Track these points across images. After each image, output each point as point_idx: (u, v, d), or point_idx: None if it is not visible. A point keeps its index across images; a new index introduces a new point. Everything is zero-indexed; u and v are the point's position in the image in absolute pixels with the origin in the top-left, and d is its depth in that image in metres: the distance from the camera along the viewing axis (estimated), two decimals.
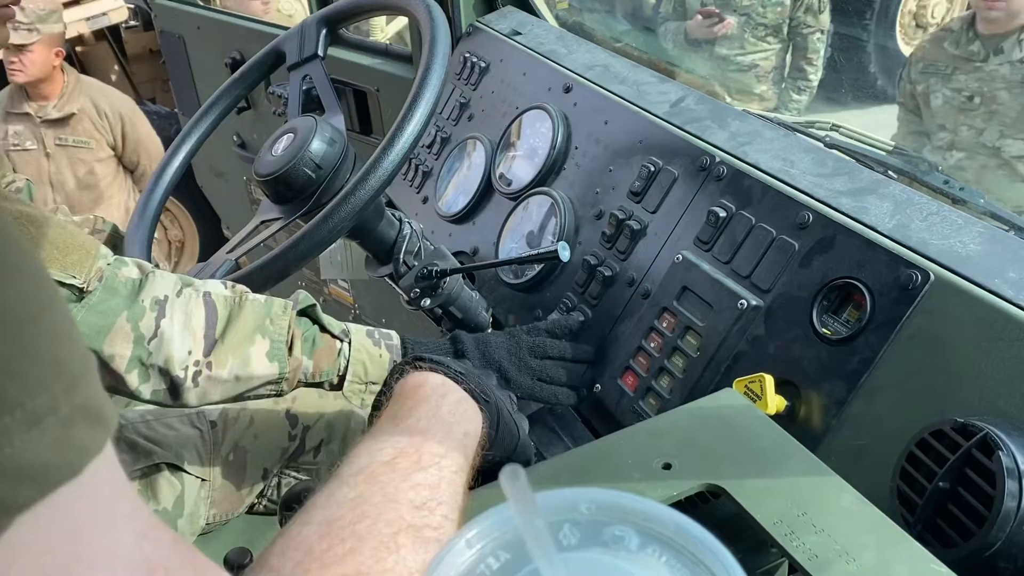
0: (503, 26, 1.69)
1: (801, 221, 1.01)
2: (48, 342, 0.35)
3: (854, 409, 0.90)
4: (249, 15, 2.83)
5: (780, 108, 3.77)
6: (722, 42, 3.64)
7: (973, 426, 0.76)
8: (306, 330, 1.10)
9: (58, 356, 0.35)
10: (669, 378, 1.08)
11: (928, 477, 0.78)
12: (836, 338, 0.94)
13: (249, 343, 1.04)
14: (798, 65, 3.73)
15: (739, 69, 3.68)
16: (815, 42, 3.67)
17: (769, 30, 3.64)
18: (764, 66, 3.71)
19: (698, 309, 1.07)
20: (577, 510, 0.37)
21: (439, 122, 1.68)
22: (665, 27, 3.89)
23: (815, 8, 3.60)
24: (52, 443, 0.33)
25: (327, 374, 1.12)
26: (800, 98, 3.78)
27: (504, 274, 1.38)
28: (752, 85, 3.73)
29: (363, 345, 1.14)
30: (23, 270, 0.35)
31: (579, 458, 0.75)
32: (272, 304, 1.08)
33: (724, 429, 0.75)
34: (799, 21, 3.62)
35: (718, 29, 3.59)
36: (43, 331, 0.34)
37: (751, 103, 3.70)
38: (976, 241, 0.91)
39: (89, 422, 0.35)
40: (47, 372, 0.34)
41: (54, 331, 0.35)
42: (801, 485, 0.68)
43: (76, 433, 0.34)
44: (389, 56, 2.02)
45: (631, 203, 1.24)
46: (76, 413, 0.34)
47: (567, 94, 1.44)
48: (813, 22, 3.63)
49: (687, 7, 3.79)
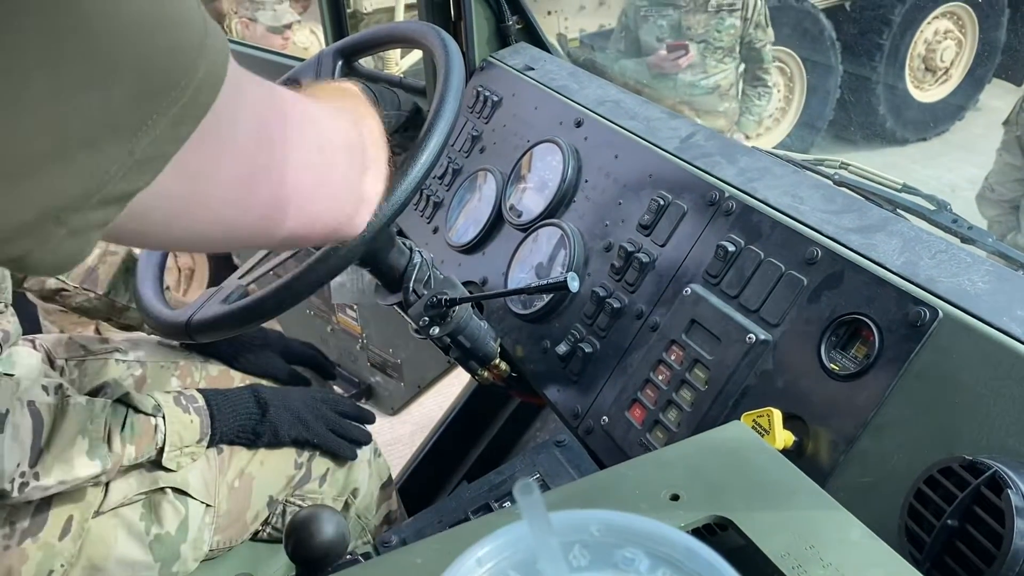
0: (516, 61, 1.72)
1: (810, 257, 1.02)
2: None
3: (862, 445, 0.90)
4: (268, 47, 2.87)
5: (744, 114, 4.19)
6: (686, 70, 3.98)
7: (982, 463, 0.76)
8: (123, 418, 1.17)
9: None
10: (677, 411, 1.08)
11: (936, 515, 0.77)
12: (844, 374, 0.94)
13: (71, 446, 1.09)
14: (755, 75, 4.17)
15: (704, 92, 4.06)
16: (767, 53, 4.14)
17: (726, 51, 4.04)
18: (724, 85, 4.09)
19: (706, 343, 1.07)
20: (588, 532, 0.37)
21: (451, 154, 1.70)
22: (620, 65, 4.10)
23: (762, 24, 4.05)
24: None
25: (147, 452, 1.20)
26: (761, 103, 4.24)
27: (513, 304, 1.39)
28: (716, 104, 4.11)
29: (175, 415, 1.23)
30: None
31: (586, 487, 0.75)
32: (93, 405, 1.14)
33: (732, 461, 0.75)
34: (752, 37, 4.06)
35: (683, 61, 3.94)
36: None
37: (718, 119, 4.11)
38: (985, 279, 0.92)
39: None
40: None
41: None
42: (809, 519, 0.68)
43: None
44: (403, 88, 2.04)
45: (640, 236, 1.25)
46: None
47: (578, 128, 1.45)
48: (763, 36, 4.08)
49: (641, 43, 4.02)
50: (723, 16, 3.95)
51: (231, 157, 0.56)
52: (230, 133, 0.55)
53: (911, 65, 5.57)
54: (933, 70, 5.67)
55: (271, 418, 1.33)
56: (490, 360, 1.35)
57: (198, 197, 0.54)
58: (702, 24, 3.96)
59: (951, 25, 5.60)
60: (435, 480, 1.97)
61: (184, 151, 0.48)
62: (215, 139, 0.52)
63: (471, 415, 1.96)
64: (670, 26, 3.99)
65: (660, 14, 4.00)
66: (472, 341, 1.31)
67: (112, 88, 0.42)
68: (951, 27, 5.60)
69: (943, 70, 5.69)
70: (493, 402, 1.94)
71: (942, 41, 5.58)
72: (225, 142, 0.54)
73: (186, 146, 0.48)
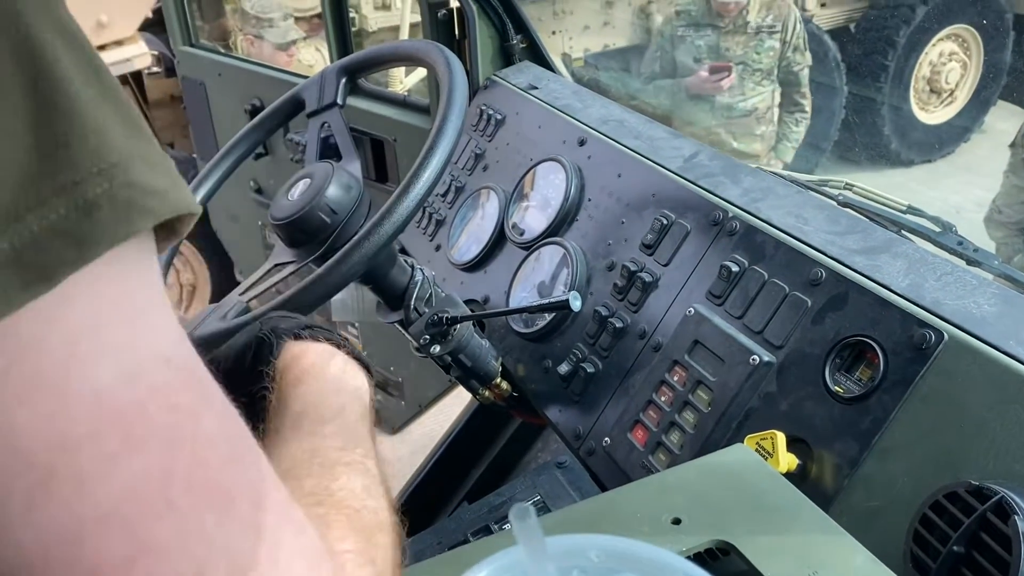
0: (520, 80, 1.72)
1: (814, 278, 1.01)
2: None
3: (867, 470, 0.89)
4: (274, 64, 2.88)
5: (781, 140, 4.08)
6: (723, 92, 3.87)
7: (988, 489, 0.74)
8: None
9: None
10: (680, 433, 1.07)
11: (942, 541, 0.76)
12: (849, 397, 0.93)
13: None
14: (793, 99, 4.05)
15: (741, 114, 3.95)
16: (804, 77, 4.02)
17: (764, 74, 3.94)
18: (762, 108, 3.98)
19: (710, 364, 1.06)
20: (586, 557, 0.37)
21: (454, 171, 1.70)
22: (655, 85, 4.06)
23: (800, 47, 3.93)
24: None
25: None
26: (799, 129, 4.11)
27: (514, 323, 1.38)
28: (753, 127, 4.00)
29: None
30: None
31: (587, 510, 0.74)
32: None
33: (735, 485, 0.74)
34: (789, 61, 3.95)
35: (725, 83, 3.83)
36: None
37: (754, 143, 4.00)
38: (991, 302, 0.91)
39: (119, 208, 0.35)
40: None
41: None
42: (812, 544, 0.67)
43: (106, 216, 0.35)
44: (407, 107, 2.05)
45: (643, 255, 1.24)
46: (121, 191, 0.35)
47: (581, 147, 1.45)
48: (801, 59, 3.96)
49: (677, 64, 3.96)
50: (763, 38, 3.86)
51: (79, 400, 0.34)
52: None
53: (916, 87, 5.58)
54: (938, 92, 5.68)
55: None
56: (491, 379, 1.34)
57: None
58: (741, 46, 3.87)
59: (956, 47, 5.62)
60: (436, 500, 1.96)
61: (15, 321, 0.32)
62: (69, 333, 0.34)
63: (472, 435, 1.94)
64: (708, 47, 3.91)
65: (698, 35, 3.91)
66: (473, 360, 1.30)
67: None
68: (956, 49, 5.62)
69: (948, 92, 5.70)
70: (495, 422, 1.93)
71: (947, 63, 5.59)
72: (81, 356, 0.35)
73: (20, 315, 0.32)
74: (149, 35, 4.62)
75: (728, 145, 3.93)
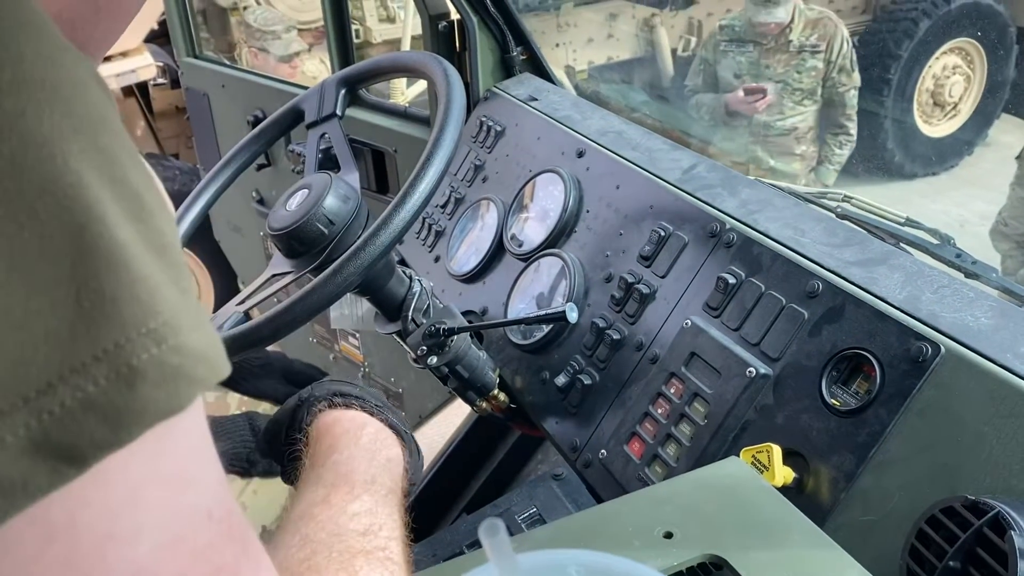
0: (520, 92, 1.72)
1: (811, 290, 1.00)
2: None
3: (863, 483, 0.88)
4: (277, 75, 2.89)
5: (823, 162, 3.98)
6: (760, 112, 3.81)
7: (985, 504, 0.74)
8: None
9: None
10: (676, 445, 1.06)
11: (938, 555, 0.75)
12: (845, 409, 0.92)
13: None
14: (838, 122, 3.94)
15: (780, 133, 3.88)
16: (851, 98, 3.89)
17: (805, 94, 3.85)
18: (802, 128, 3.90)
19: (706, 376, 1.06)
20: (565, 572, 0.36)
21: (453, 183, 1.70)
22: (697, 99, 3.99)
23: (847, 68, 3.81)
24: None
25: None
26: (843, 152, 3.99)
27: (512, 335, 1.38)
28: (792, 146, 3.92)
29: None
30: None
31: (579, 524, 0.73)
32: None
33: (728, 499, 0.73)
34: (835, 81, 3.83)
35: (760, 105, 3.77)
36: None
37: (793, 163, 3.93)
38: (988, 315, 0.90)
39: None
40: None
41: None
42: (805, 559, 0.66)
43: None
44: (408, 118, 2.05)
45: (641, 267, 1.24)
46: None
47: (580, 159, 1.45)
48: (847, 80, 3.84)
49: (719, 79, 3.89)
50: (805, 57, 3.77)
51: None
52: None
53: (919, 100, 5.57)
54: (942, 105, 5.67)
55: None
56: (489, 391, 1.33)
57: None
58: (782, 64, 3.79)
59: (959, 60, 5.62)
60: (435, 512, 1.95)
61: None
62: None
63: (471, 446, 1.94)
64: (749, 63, 3.84)
65: (740, 50, 3.86)
66: (470, 371, 1.30)
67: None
68: (959, 62, 5.61)
69: (952, 105, 5.69)
70: (494, 433, 1.92)
71: (950, 76, 5.59)
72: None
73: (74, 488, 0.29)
74: (154, 47, 4.65)
75: (765, 163, 3.87)
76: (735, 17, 3.92)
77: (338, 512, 0.67)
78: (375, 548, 0.64)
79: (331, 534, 0.64)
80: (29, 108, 0.29)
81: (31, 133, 0.29)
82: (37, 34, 0.31)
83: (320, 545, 0.62)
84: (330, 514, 0.67)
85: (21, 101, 0.29)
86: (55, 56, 0.31)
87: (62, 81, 0.31)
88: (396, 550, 0.66)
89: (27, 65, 0.30)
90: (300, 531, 0.65)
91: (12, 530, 0.28)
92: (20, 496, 0.27)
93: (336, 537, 0.64)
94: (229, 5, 4.71)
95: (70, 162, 0.29)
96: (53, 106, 0.30)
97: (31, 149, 0.29)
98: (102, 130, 0.32)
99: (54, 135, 0.29)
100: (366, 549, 0.63)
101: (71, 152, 0.30)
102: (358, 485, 0.71)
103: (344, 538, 0.64)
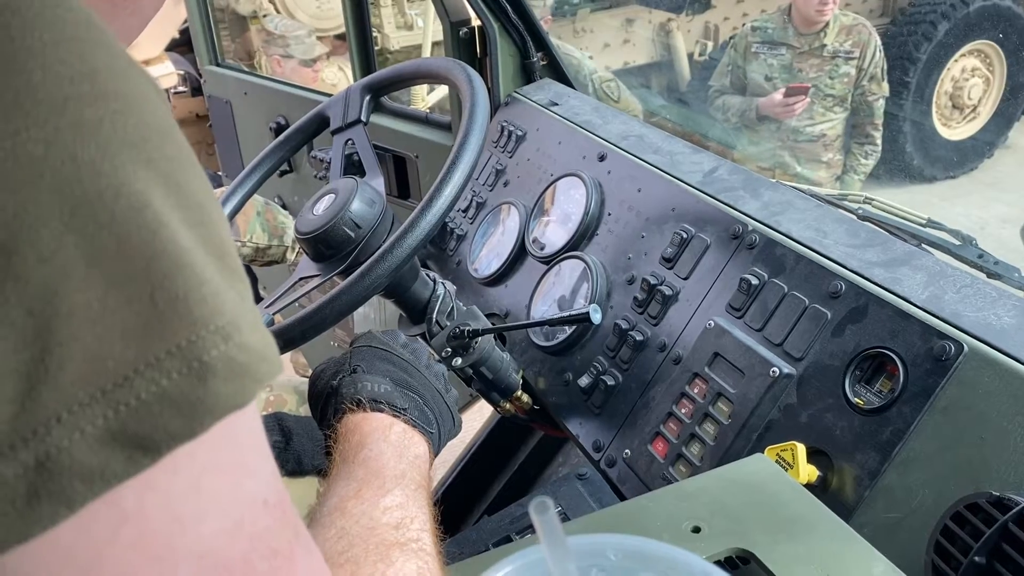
0: (540, 97, 1.74)
1: (834, 290, 1.01)
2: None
3: (887, 481, 0.89)
4: (299, 81, 2.92)
5: (848, 172, 3.93)
6: (794, 116, 3.76)
7: (1009, 499, 0.75)
8: None
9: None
10: (700, 445, 1.07)
11: (963, 551, 0.76)
12: (869, 408, 0.93)
13: None
14: (864, 131, 3.89)
15: (808, 139, 3.83)
16: (879, 108, 3.84)
17: (836, 100, 3.81)
18: (831, 135, 3.85)
19: (730, 376, 1.07)
20: (604, 556, 0.37)
21: (475, 187, 1.72)
22: (724, 101, 3.95)
23: (878, 76, 3.77)
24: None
25: None
26: (868, 162, 3.93)
27: (535, 336, 1.39)
28: (820, 153, 3.88)
29: None
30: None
31: (607, 519, 0.75)
32: None
33: (754, 494, 0.74)
34: (864, 89, 3.79)
35: (798, 107, 3.70)
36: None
37: (819, 170, 3.87)
38: (1011, 314, 0.91)
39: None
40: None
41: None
42: (832, 553, 0.67)
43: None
44: (429, 124, 2.07)
45: (663, 269, 1.25)
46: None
47: (601, 162, 1.46)
48: (877, 89, 3.81)
49: (748, 81, 3.88)
50: (838, 63, 3.73)
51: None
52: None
53: (938, 103, 5.55)
54: (961, 108, 5.64)
55: (295, 447, 1.33)
56: (512, 392, 1.35)
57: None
58: (815, 69, 3.75)
59: (979, 63, 5.59)
60: (457, 513, 1.96)
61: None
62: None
63: (494, 448, 1.95)
64: (781, 66, 3.81)
65: (772, 53, 3.81)
66: (494, 372, 1.31)
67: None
68: (979, 65, 5.59)
69: (971, 108, 5.67)
70: (516, 435, 1.93)
71: (970, 79, 5.56)
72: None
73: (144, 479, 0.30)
74: (176, 55, 4.70)
75: (792, 169, 3.83)
76: (768, 19, 3.90)
77: (371, 506, 0.69)
78: (409, 540, 0.65)
79: (365, 527, 0.66)
80: (106, 118, 0.31)
81: (108, 141, 0.31)
82: (108, 50, 0.33)
83: (356, 538, 0.64)
84: (363, 508, 0.68)
85: (99, 111, 0.31)
86: (125, 70, 0.33)
87: (132, 93, 0.33)
88: (428, 541, 0.67)
89: (102, 78, 0.32)
90: (335, 524, 0.66)
91: (88, 514, 0.29)
92: (98, 483, 0.29)
93: (370, 530, 0.66)
94: (249, 13, 4.76)
95: (140, 169, 0.32)
96: (127, 117, 0.32)
97: (108, 156, 0.31)
98: (168, 140, 0.34)
99: (127, 144, 0.31)
100: (400, 541, 0.65)
101: (142, 160, 0.32)
102: (389, 480, 0.73)
103: (378, 531, 0.66)
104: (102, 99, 0.31)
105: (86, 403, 0.29)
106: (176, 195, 0.33)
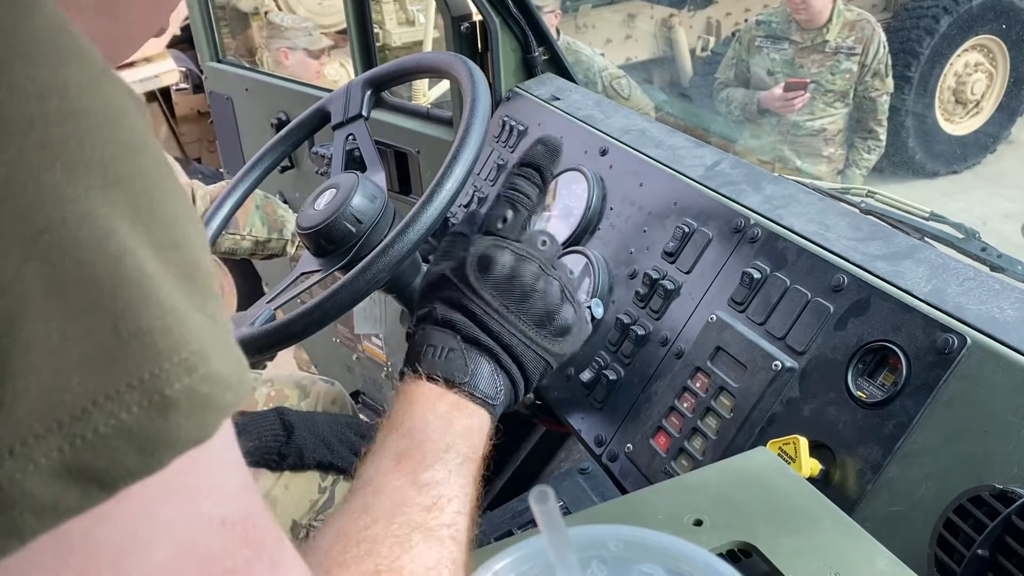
0: (542, 92, 1.73)
1: (836, 284, 1.01)
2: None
3: (890, 474, 0.89)
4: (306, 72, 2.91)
5: (851, 166, 3.94)
6: (798, 108, 3.77)
7: (1013, 492, 0.74)
8: None
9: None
10: (702, 439, 1.07)
11: (966, 544, 0.76)
12: (871, 402, 0.93)
13: None
14: (868, 127, 3.89)
15: (808, 134, 3.84)
16: (883, 104, 3.84)
17: (837, 96, 3.81)
18: (831, 129, 3.86)
19: (732, 370, 1.07)
20: (605, 547, 0.37)
21: (476, 182, 1.71)
22: (728, 93, 3.96)
23: (881, 73, 3.77)
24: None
25: None
26: (870, 157, 3.93)
27: None
28: (820, 148, 3.88)
29: None
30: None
31: (608, 512, 0.75)
32: None
33: (757, 487, 0.74)
34: (867, 85, 3.79)
35: (798, 103, 3.71)
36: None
37: (819, 164, 3.88)
38: (1014, 307, 0.90)
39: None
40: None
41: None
42: (835, 546, 0.67)
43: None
44: (430, 119, 2.07)
45: (665, 263, 1.25)
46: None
47: (603, 157, 1.46)
48: (880, 85, 3.80)
49: (752, 75, 3.88)
50: (840, 59, 3.73)
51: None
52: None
53: (941, 98, 5.54)
54: (964, 103, 5.63)
55: (296, 441, 1.33)
56: None
57: None
58: (816, 64, 3.76)
59: (982, 58, 5.57)
60: None
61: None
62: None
63: (496, 443, 1.95)
64: (783, 61, 3.82)
65: (775, 47, 3.83)
66: None
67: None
68: (982, 60, 5.57)
69: (974, 103, 5.65)
70: (518, 430, 1.93)
71: (972, 73, 5.55)
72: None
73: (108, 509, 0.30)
74: (177, 52, 4.70)
75: (792, 163, 3.83)
76: (772, 13, 3.90)
77: (407, 483, 0.65)
78: (438, 524, 0.62)
79: (394, 504, 0.63)
80: (74, 138, 0.30)
81: (75, 163, 0.30)
82: (80, 61, 0.32)
83: (381, 515, 0.61)
84: (397, 484, 0.65)
85: (67, 130, 0.30)
86: (97, 82, 0.32)
87: (104, 109, 0.31)
88: (461, 526, 0.64)
89: (72, 94, 0.30)
90: (364, 498, 0.64)
91: (35, 546, 0.29)
92: (50, 516, 0.28)
93: (399, 507, 0.63)
94: (251, 10, 4.76)
95: (108, 191, 0.30)
96: (96, 135, 0.31)
97: (73, 179, 0.29)
98: (141, 156, 0.32)
99: (95, 164, 0.30)
100: (428, 525, 0.62)
101: (110, 181, 0.30)
102: (430, 454, 0.68)
103: (407, 510, 0.62)
104: (70, 117, 0.30)
105: (41, 435, 0.28)
106: (146, 216, 0.31)
